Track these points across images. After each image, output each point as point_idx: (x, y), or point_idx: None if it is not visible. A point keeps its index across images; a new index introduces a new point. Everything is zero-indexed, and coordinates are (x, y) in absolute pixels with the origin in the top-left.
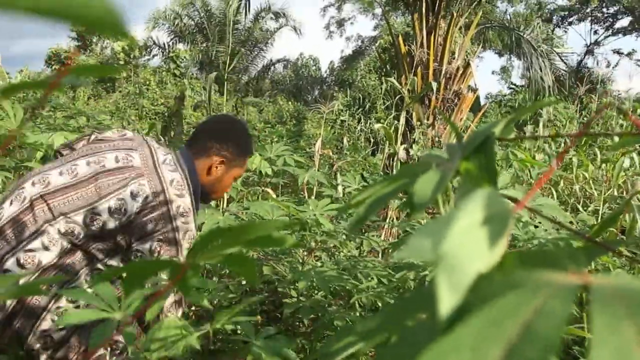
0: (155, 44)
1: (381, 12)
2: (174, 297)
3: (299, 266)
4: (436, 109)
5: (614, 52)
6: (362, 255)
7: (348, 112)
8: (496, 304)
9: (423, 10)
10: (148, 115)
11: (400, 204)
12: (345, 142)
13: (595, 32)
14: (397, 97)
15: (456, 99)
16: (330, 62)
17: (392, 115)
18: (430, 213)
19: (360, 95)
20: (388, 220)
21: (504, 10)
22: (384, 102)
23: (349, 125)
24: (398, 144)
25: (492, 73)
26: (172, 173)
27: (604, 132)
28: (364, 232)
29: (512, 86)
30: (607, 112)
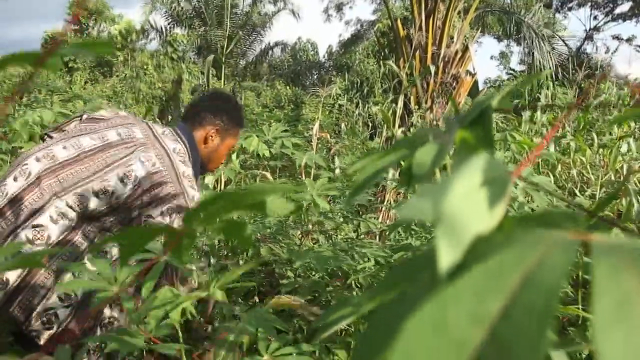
0: (153, 27)
1: None
2: (183, 289)
3: (295, 247)
4: (434, 92)
5: (614, 38)
6: (360, 238)
7: (346, 96)
8: (497, 257)
9: None
10: (145, 99)
11: (398, 184)
12: (343, 126)
13: (595, 17)
14: (395, 80)
15: (454, 82)
16: (329, 47)
17: (390, 99)
18: None
19: (358, 80)
20: (386, 202)
21: None
22: (382, 86)
23: (347, 109)
24: (396, 127)
25: (491, 58)
26: (173, 142)
27: (603, 102)
28: (361, 214)
29: (511, 71)
30: (606, 96)
